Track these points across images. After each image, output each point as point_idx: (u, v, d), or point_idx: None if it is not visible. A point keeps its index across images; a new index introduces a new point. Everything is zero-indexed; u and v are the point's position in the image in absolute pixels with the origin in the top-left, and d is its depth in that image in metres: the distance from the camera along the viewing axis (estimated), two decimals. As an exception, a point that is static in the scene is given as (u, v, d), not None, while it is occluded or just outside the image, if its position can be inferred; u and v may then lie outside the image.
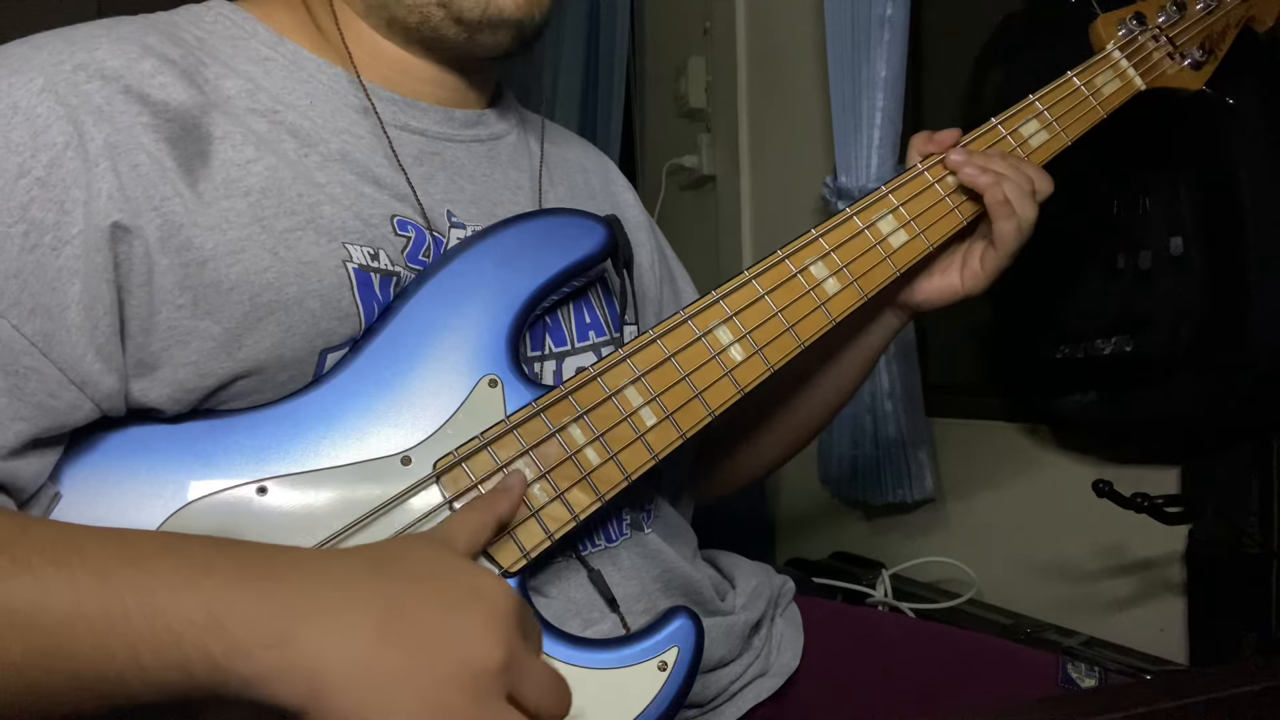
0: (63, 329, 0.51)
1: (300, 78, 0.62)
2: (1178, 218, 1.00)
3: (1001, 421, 1.34)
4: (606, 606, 0.63)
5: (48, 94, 0.52)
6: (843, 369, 0.82)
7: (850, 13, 1.39)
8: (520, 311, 0.61)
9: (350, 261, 0.58)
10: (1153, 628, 1.14)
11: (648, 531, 0.68)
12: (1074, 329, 1.10)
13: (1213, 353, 0.99)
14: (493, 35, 0.64)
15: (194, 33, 0.61)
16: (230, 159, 0.56)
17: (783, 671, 0.77)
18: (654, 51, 2.16)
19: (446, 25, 0.63)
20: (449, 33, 0.64)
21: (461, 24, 0.63)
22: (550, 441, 0.59)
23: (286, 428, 0.56)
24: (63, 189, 0.51)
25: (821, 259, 0.68)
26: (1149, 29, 0.81)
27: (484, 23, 0.63)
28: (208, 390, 0.54)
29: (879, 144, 1.37)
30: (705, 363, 0.63)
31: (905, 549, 1.49)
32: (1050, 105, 0.77)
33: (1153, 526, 1.00)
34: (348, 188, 0.60)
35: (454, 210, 0.65)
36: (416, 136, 0.66)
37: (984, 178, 0.71)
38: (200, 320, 0.53)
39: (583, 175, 0.79)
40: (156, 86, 0.55)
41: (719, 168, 1.92)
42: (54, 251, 0.50)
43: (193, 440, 0.54)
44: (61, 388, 0.51)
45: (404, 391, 0.58)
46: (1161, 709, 0.44)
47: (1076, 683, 0.76)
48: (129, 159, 0.52)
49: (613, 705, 0.56)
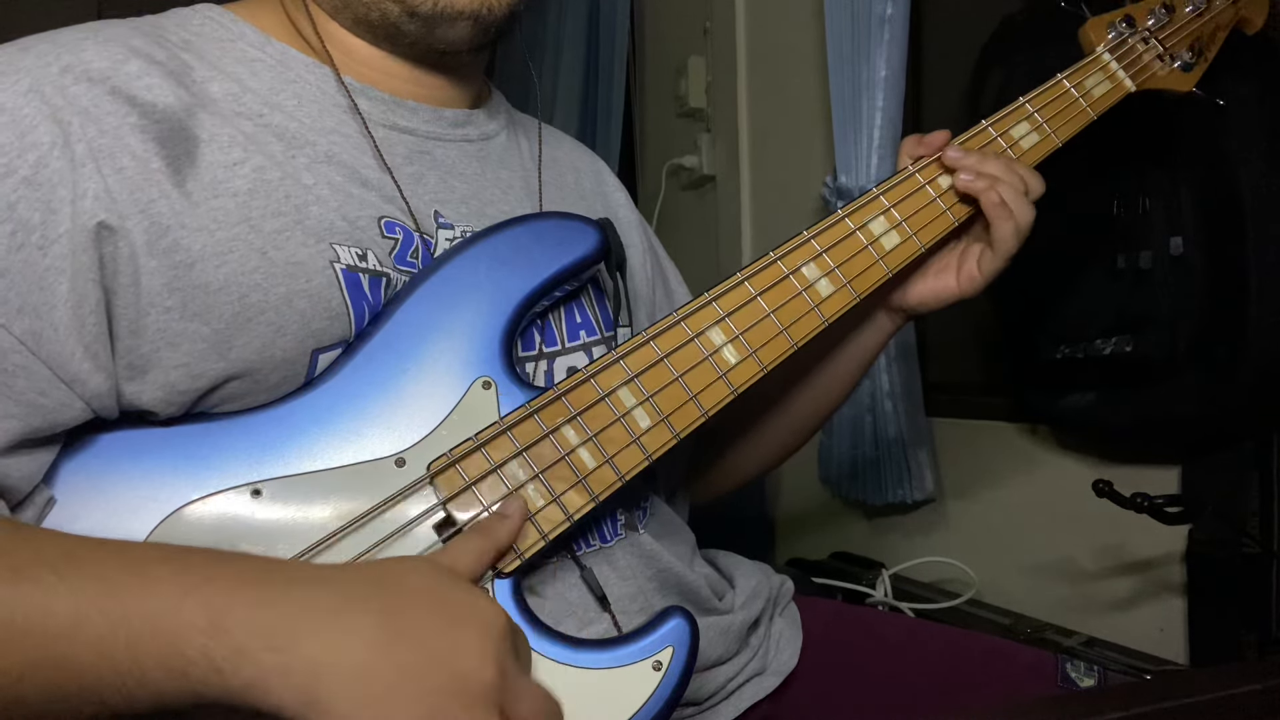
0: (51, 328, 0.51)
1: (288, 78, 0.63)
2: (1178, 218, 1.00)
3: (1001, 421, 1.34)
4: (599, 606, 0.63)
5: (33, 95, 0.52)
6: (838, 370, 0.82)
7: (850, 13, 1.39)
8: (514, 314, 0.61)
9: (338, 262, 0.58)
10: (1153, 628, 1.14)
11: (642, 532, 0.68)
12: (1074, 329, 1.10)
13: (1212, 353, 0.99)
14: (450, 29, 0.64)
15: (181, 35, 0.61)
16: (218, 160, 0.56)
17: (780, 670, 0.77)
18: (654, 51, 2.16)
19: (403, 20, 0.63)
20: (408, 28, 0.64)
21: (416, 18, 0.63)
22: (544, 443, 0.59)
23: (281, 430, 0.56)
24: (49, 189, 0.51)
25: (814, 260, 0.68)
26: (1139, 31, 0.82)
27: (436, 16, 0.63)
28: (200, 392, 0.55)
29: (879, 144, 1.37)
30: (698, 363, 0.63)
31: (905, 549, 1.49)
32: (1040, 107, 0.77)
33: (1153, 526, 0.99)
34: (335, 188, 0.60)
35: (442, 211, 0.65)
36: (406, 136, 0.66)
37: (979, 182, 0.71)
38: (189, 322, 0.54)
39: (574, 175, 0.79)
40: (143, 88, 0.55)
41: (719, 168, 1.92)
42: (41, 251, 0.51)
43: (187, 443, 0.55)
44: (51, 386, 0.51)
45: (398, 394, 0.58)
46: (1161, 709, 0.44)
47: (1075, 682, 0.76)
48: (115, 160, 0.53)
49: (608, 705, 0.56)
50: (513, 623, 0.50)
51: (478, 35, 0.65)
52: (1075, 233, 1.07)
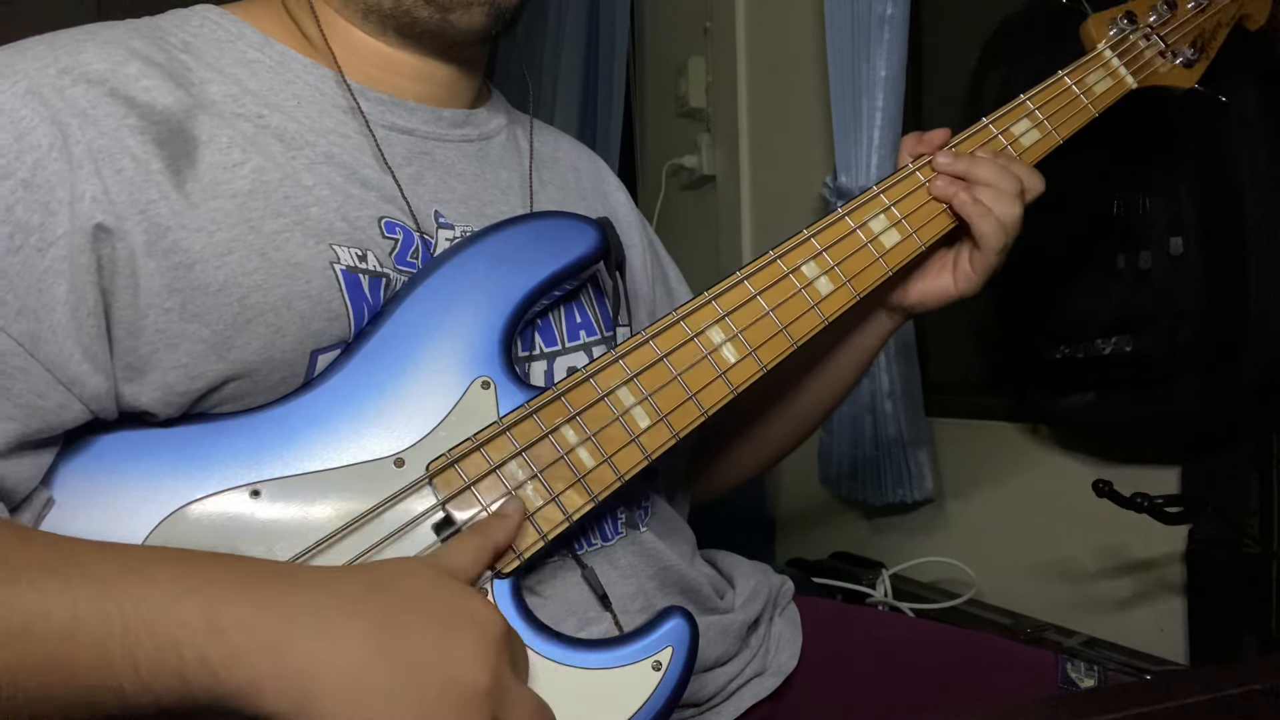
0: (49, 329, 0.51)
1: (287, 79, 0.62)
2: (1178, 218, 1.00)
3: (1001, 421, 1.34)
4: (600, 605, 0.63)
5: (32, 97, 0.52)
6: (837, 369, 0.82)
7: (850, 13, 1.39)
8: (513, 314, 0.61)
9: (338, 263, 0.58)
10: (1153, 628, 1.14)
11: (644, 530, 0.68)
12: (1074, 329, 1.10)
13: (1213, 353, 0.99)
14: (465, 14, 0.64)
15: (180, 36, 0.61)
16: (217, 161, 0.56)
17: (780, 671, 0.77)
18: (654, 51, 2.16)
19: (418, 6, 0.63)
20: (422, 14, 0.64)
21: (431, 3, 0.63)
22: (543, 443, 0.59)
23: (279, 430, 0.56)
24: (47, 190, 0.51)
25: (813, 259, 0.68)
26: (1140, 28, 0.82)
27: (451, 1, 0.63)
28: (199, 393, 0.55)
29: (879, 144, 1.37)
30: (697, 363, 0.63)
31: (905, 549, 1.49)
32: (1041, 104, 0.77)
33: (1153, 526, 0.99)
34: (335, 189, 0.60)
35: (442, 211, 0.65)
36: (405, 136, 0.66)
37: (949, 188, 0.71)
38: (189, 323, 0.54)
39: (574, 175, 0.79)
40: (142, 89, 0.55)
41: (719, 168, 1.91)
42: (39, 253, 0.51)
43: (186, 443, 0.54)
44: (49, 388, 0.51)
45: (397, 394, 0.58)
46: (1161, 709, 0.44)
47: (1075, 683, 0.76)
48: (115, 162, 0.53)
49: (607, 705, 0.56)
50: (509, 627, 0.50)
51: (491, 22, 0.65)
52: (1075, 232, 1.07)
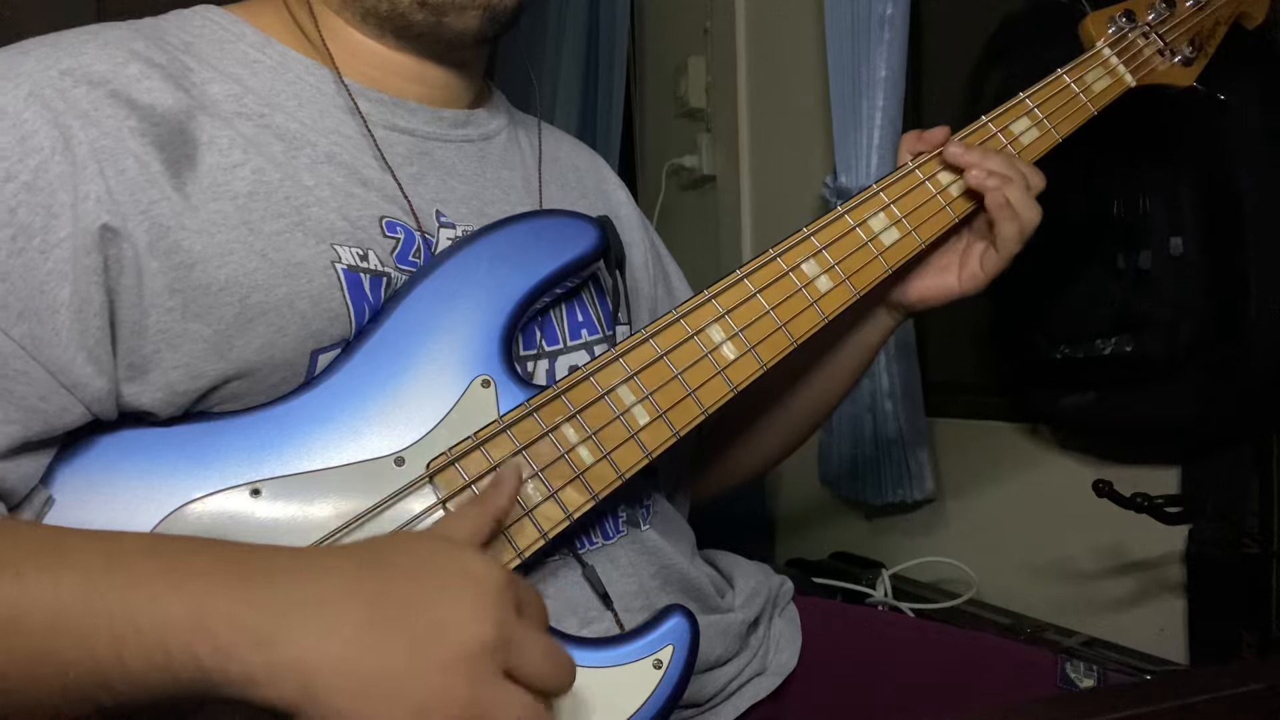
0: (52, 332, 0.51)
1: (288, 79, 0.62)
2: (1178, 218, 1.00)
3: (1001, 421, 1.34)
4: (601, 604, 0.63)
5: (34, 99, 0.52)
6: (838, 367, 0.82)
7: (850, 13, 1.38)
8: (513, 312, 0.61)
9: (339, 263, 0.58)
10: (1153, 628, 1.14)
11: (645, 528, 0.68)
12: (1074, 329, 1.10)
13: (1212, 352, 0.99)
14: (460, 17, 0.64)
15: (181, 37, 0.61)
16: (217, 162, 0.56)
17: (780, 671, 0.77)
18: (654, 51, 2.16)
19: (413, 9, 0.63)
20: (417, 17, 0.64)
21: (426, 7, 0.63)
22: (543, 441, 0.59)
23: (280, 429, 0.56)
24: (49, 193, 0.51)
25: (813, 257, 0.68)
26: (1139, 26, 0.82)
27: (446, 5, 0.63)
28: (199, 392, 0.55)
29: (879, 144, 1.37)
30: (698, 361, 0.63)
31: (905, 549, 1.49)
32: (1041, 103, 0.77)
33: (1153, 526, 0.99)
34: (336, 189, 0.60)
35: (444, 210, 0.65)
36: (405, 136, 0.66)
37: (990, 180, 0.71)
38: (190, 323, 0.53)
39: (575, 174, 0.79)
40: (143, 91, 0.55)
41: (719, 168, 1.91)
42: (42, 255, 0.51)
43: (186, 443, 0.54)
44: (52, 391, 0.51)
45: (397, 392, 0.58)
46: (1161, 709, 0.44)
47: (1075, 683, 0.76)
48: (116, 163, 0.53)
49: (608, 703, 0.56)
50: (510, 576, 0.48)
51: (487, 26, 0.65)
52: (1075, 232, 1.07)
